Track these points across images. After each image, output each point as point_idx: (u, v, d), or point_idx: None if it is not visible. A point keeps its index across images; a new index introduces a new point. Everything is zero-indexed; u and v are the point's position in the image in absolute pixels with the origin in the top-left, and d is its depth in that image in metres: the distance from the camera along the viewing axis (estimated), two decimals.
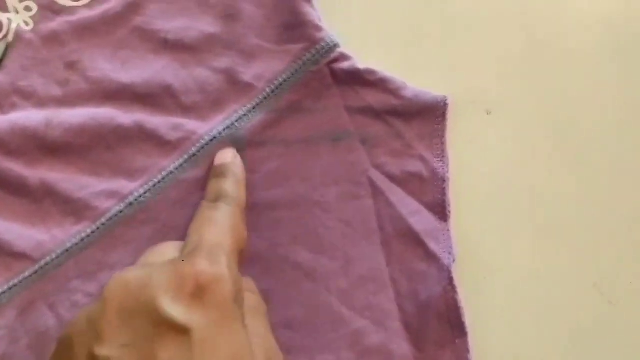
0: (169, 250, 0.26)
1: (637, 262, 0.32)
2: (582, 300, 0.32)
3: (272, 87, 0.33)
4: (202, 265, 0.23)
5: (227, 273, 0.23)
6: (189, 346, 0.21)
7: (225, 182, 0.29)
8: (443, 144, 0.32)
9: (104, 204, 0.32)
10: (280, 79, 0.33)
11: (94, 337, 0.22)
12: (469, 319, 0.30)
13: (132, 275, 0.23)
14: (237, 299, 0.23)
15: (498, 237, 0.32)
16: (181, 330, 0.21)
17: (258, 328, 0.25)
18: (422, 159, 0.32)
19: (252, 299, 0.27)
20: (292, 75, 0.33)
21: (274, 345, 0.25)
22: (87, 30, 0.33)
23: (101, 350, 0.21)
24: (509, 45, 0.34)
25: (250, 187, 0.32)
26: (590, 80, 0.34)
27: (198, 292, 0.22)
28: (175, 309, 0.22)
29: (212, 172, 0.31)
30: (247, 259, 0.31)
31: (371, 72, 0.32)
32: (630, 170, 0.33)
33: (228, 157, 0.31)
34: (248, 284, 0.28)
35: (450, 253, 0.31)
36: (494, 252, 0.32)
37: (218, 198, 0.28)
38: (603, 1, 0.35)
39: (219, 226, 0.26)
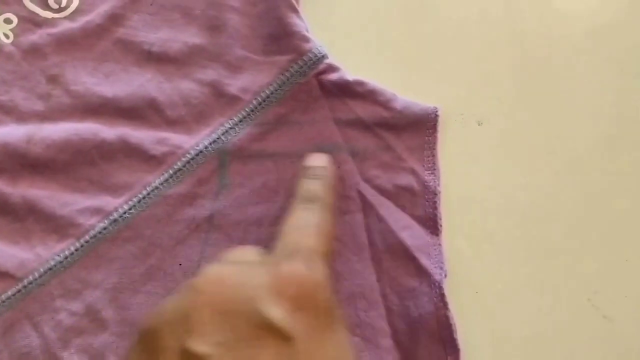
0: (250, 253, 0.26)
1: (630, 275, 0.31)
2: (576, 315, 0.31)
3: (259, 99, 0.32)
4: (303, 271, 0.22)
5: (323, 280, 0.23)
6: (290, 354, 0.21)
7: (318, 184, 0.29)
8: (434, 156, 0.32)
9: (88, 220, 0.31)
10: (267, 92, 0.32)
11: (187, 330, 0.21)
12: (460, 335, 0.30)
13: (226, 270, 0.23)
14: (332, 307, 0.23)
15: (490, 252, 0.32)
16: (283, 337, 0.21)
17: (342, 338, 0.24)
18: (413, 172, 0.32)
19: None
20: (280, 87, 0.32)
21: (355, 354, 0.24)
22: (69, 43, 0.33)
23: (196, 346, 0.21)
24: (499, 56, 0.33)
25: (237, 201, 0.32)
26: (581, 91, 0.33)
27: (298, 297, 0.22)
28: (276, 313, 0.21)
29: (304, 172, 0.30)
30: None
31: (360, 83, 0.32)
32: (622, 183, 0.32)
33: (321, 160, 0.30)
34: None
35: (441, 268, 0.30)
36: (485, 267, 0.31)
37: (311, 199, 0.28)
38: (594, 13, 0.34)
39: (314, 229, 0.26)
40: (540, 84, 0.33)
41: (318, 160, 0.30)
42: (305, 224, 0.26)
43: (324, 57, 0.32)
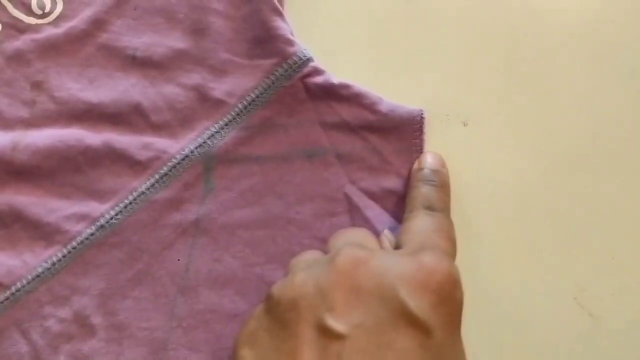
0: (367, 236, 0.26)
1: (616, 274, 0.32)
2: (563, 314, 0.31)
3: (245, 103, 0.32)
4: (447, 265, 0.23)
5: (459, 278, 0.23)
6: (426, 347, 0.21)
7: (437, 191, 0.29)
8: None
9: (75, 227, 0.31)
10: (253, 95, 0.32)
11: (327, 308, 0.21)
12: None
13: (364, 254, 0.23)
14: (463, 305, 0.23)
15: (476, 252, 0.32)
16: (423, 329, 0.21)
17: None
18: (400, 175, 0.32)
19: None
20: (265, 91, 0.32)
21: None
22: (53, 49, 0.33)
23: (336, 325, 0.21)
24: (483, 56, 0.33)
25: (223, 205, 0.32)
26: (567, 90, 0.33)
27: (440, 292, 0.22)
28: (419, 305, 0.21)
29: (419, 174, 0.30)
30: (221, 280, 0.31)
31: (346, 86, 0.32)
32: (610, 181, 0.32)
33: (437, 163, 0.31)
34: None
35: None
36: (472, 267, 0.32)
37: (432, 207, 0.28)
38: (579, 11, 0.34)
39: (442, 234, 0.27)
40: (525, 83, 0.33)
41: (434, 163, 0.31)
42: (432, 228, 0.27)
43: (309, 60, 0.32)
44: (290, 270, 0.25)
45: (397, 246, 0.26)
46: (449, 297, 0.22)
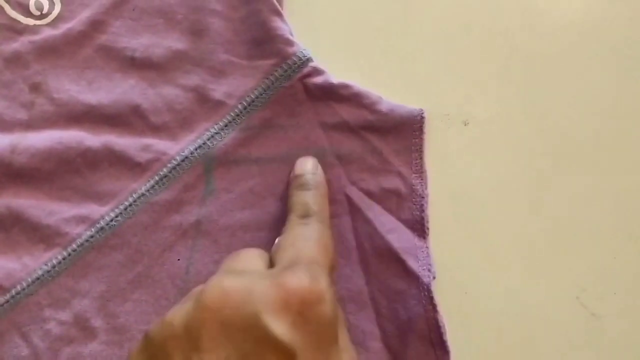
0: (253, 258, 0.26)
1: (618, 273, 0.32)
2: (565, 314, 0.31)
3: (244, 104, 0.32)
4: (306, 281, 0.22)
5: (328, 291, 0.23)
6: None
7: (311, 196, 0.29)
8: (421, 158, 0.32)
9: (75, 229, 0.31)
10: (252, 96, 0.32)
11: (193, 346, 0.21)
12: (450, 337, 0.30)
13: (231, 283, 0.23)
14: (336, 317, 0.23)
15: (478, 252, 0.32)
16: (286, 353, 0.21)
17: (344, 341, 0.24)
18: (400, 175, 0.32)
19: (341, 315, 0.27)
20: (264, 91, 0.32)
21: (355, 356, 0.25)
22: (51, 51, 0.33)
23: None
24: (483, 55, 0.33)
25: (224, 207, 0.32)
26: (568, 88, 0.33)
27: (302, 310, 0.22)
28: (280, 328, 0.21)
29: (294, 182, 0.30)
30: None
31: (345, 86, 0.32)
32: (610, 181, 0.32)
33: (309, 166, 0.31)
34: None
35: (429, 271, 0.31)
36: (474, 267, 0.32)
37: (306, 214, 0.28)
38: (579, 9, 0.34)
39: (314, 242, 0.26)
40: (526, 82, 0.33)
41: (307, 167, 0.31)
42: (304, 239, 0.26)
43: (308, 60, 0.32)
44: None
45: (271, 264, 0.26)
46: (312, 315, 0.22)
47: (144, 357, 0.23)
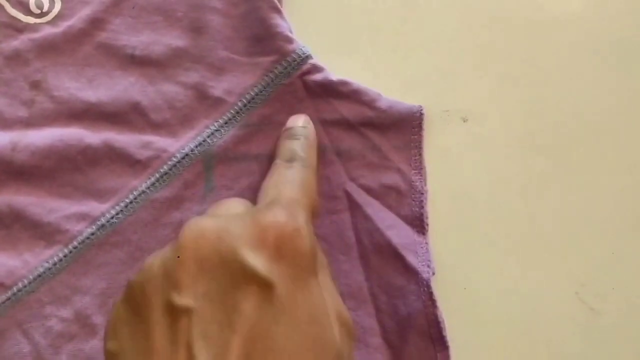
0: (236, 205, 0.26)
1: (617, 268, 0.32)
2: (564, 309, 0.32)
3: (244, 101, 0.32)
4: (283, 217, 0.22)
5: (306, 227, 0.23)
6: (271, 301, 0.21)
7: (298, 144, 0.29)
8: (420, 155, 0.32)
9: (75, 226, 0.32)
10: (252, 93, 0.32)
11: (171, 286, 0.22)
12: (449, 332, 0.30)
13: (207, 223, 0.23)
14: (314, 253, 0.23)
15: (477, 248, 0.32)
16: (264, 284, 0.21)
17: (327, 283, 0.24)
18: (399, 171, 0.32)
19: (321, 254, 0.27)
20: (264, 88, 0.32)
21: (340, 300, 0.24)
22: (51, 48, 0.33)
23: (180, 300, 0.21)
24: (482, 52, 0.34)
25: None
26: (567, 84, 0.33)
27: (279, 245, 0.22)
28: (257, 262, 0.21)
29: (284, 134, 0.31)
30: None
31: (345, 83, 0.32)
32: (610, 177, 0.33)
33: (299, 121, 0.31)
34: None
35: (429, 266, 0.31)
36: (473, 263, 0.32)
37: (292, 158, 0.28)
38: (579, 5, 0.34)
39: (296, 184, 0.26)
40: (524, 78, 0.33)
41: (298, 121, 0.31)
42: (286, 180, 0.26)
43: (307, 57, 0.32)
44: None
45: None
46: (289, 248, 0.22)
47: (126, 306, 0.23)
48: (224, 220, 0.23)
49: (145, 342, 0.21)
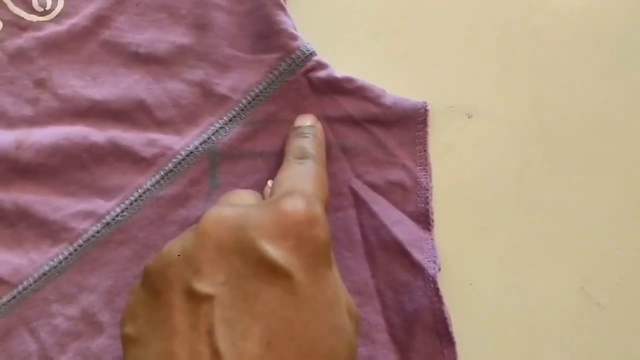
0: (248, 196, 0.26)
1: (623, 263, 0.32)
2: (570, 304, 0.32)
3: (249, 98, 0.33)
4: (303, 205, 0.23)
5: (324, 217, 0.23)
6: (290, 290, 0.21)
7: (308, 141, 0.30)
8: (425, 151, 0.32)
9: (81, 224, 0.32)
10: (257, 90, 0.33)
11: (193, 272, 0.22)
12: (455, 327, 0.31)
13: (228, 211, 0.23)
14: (330, 243, 0.23)
15: (483, 243, 0.32)
16: (283, 274, 0.21)
17: (337, 275, 0.25)
18: (405, 168, 0.32)
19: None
20: (269, 85, 0.32)
21: (348, 293, 0.25)
22: (55, 46, 0.33)
23: (202, 287, 0.21)
24: (486, 48, 0.34)
25: None
26: (571, 78, 0.34)
27: (299, 232, 0.22)
28: (276, 252, 0.22)
29: (292, 133, 0.31)
30: None
31: (349, 80, 0.32)
32: (615, 172, 0.33)
33: (308, 120, 0.32)
34: None
35: (435, 262, 0.31)
36: (478, 259, 0.32)
37: (304, 156, 0.29)
38: (584, 3, 0.35)
39: (310, 178, 0.27)
40: (528, 74, 0.34)
41: (306, 120, 0.31)
42: (300, 175, 0.27)
43: (312, 54, 0.32)
44: None
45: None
46: (308, 238, 0.22)
47: (145, 290, 0.23)
48: (244, 209, 0.23)
49: (165, 325, 0.22)
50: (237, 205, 0.24)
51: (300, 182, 0.26)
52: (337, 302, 0.23)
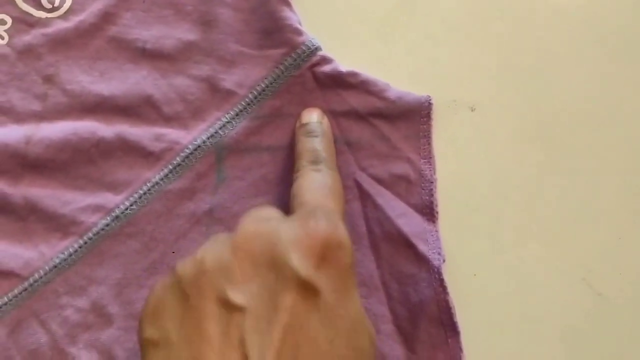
0: (271, 211, 0.27)
1: (624, 253, 0.33)
2: (572, 294, 0.33)
3: (255, 93, 0.33)
4: (328, 228, 0.24)
5: (348, 240, 0.24)
6: (318, 307, 0.22)
7: (320, 142, 0.31)
8: (429, 144, 0.33)
9: (90, 218, 0.32)
10: (262, 85, 0.33)
11: (227, 281, 0.23)
12: (459, 318, 0.31)
13: (261, 226, 0.24)
14: (354, 266, 0.24)
15: (485, 235, 0.33)
16: (312, 291, 0.22)
17: (359, 300, 0.25)
18: (409, 161, 0.33)
19: None
20: (274, 80, 0.33)
21: (368, 319, 0.26)
22: (63, 43, 0.34)
23: (236, 297, 0.22)
24: (489, 41, 0.34)
25: (236, 194, 0.33)
26: (573, 73, 0.34)
27: (325, 254, 0.23)
28: (307, 269, 0.22)
29: (300, 130, 0.32)
30: None
31: (353, 74, 0.33)
32: (615, 164, 0.33)
33: (314, 115, 0.32)
34: None
35: (439, 254, 0.32)
36: (482, 250, 0.33)
37: (317, 160, 0.30)
38: None
39: (328, 190, 0.28)
40: (531, 67, 0.34)
41: (313, 116, 0.32)
42: (319, 186, 0.28)
43: (317, 49, 0.33)
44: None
45: (291, 209, 0.27)
46: (334, 259, 0.23)
47: (175, 294, 0.24)
48: (275, 224, 0.24)
49: (196, 331, 0.22)
50: (270, 220, 0.25)
51: (320, 194, 0.27)
52: (361, 324, 0.24)
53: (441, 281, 0.31)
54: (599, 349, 0.32)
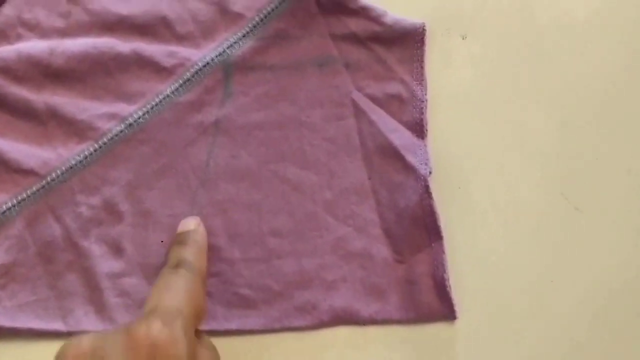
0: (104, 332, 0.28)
1: (601, 170, 0.36)
2: (550, 208, 0.36)
3: (261, 16, 0.37)
4: (156, 328, 0.25)
5: (181, 335, 0.25)
6: None
7: (186, 249, 0.32)
8: (422, 67, 0.36)
9: (105, 125, 0.36)
10: (269, 8, 0.37)
11: None
12: (444, 226, 0.34)
13: (86, 342, 0.25)
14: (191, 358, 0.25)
15: (470, 153, 0.36)
16: None
17: None
18: (402, 82, 0.36)
19: (207, 355, 0.29)
20: (280, 4, 0.36)
21: None
22: None
23: None
24: None
25: (241, 108, 0.36)
26: (565, 2, 0.37)
27: (153, 355, 0.24)
28: None
29: (175, 239, 0.33)
30: (238, 174, 0.35)
31: (354, 0, 0.36)
32: (593, 80, 0.37)
33: (191, 225, 0.34)
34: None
35: (426, 164, 0.35)
36: (467, 166, 0.36)
37: (179, 264, 0.30)
38: None
39: (178, 291, 0.28)
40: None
41: (189, 225, 0.34)
42: (170, 287, 0.29)
43: None
44: None
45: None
46: (164, 356, 0.24)
47: None
48: (102, 336, 0.26)
49: None
50: (96, 334, 0.26)
51: (167, 295, 0.28)
52: None
53: (426, 187, 0.34)
54: (575, 260, 0.35)
